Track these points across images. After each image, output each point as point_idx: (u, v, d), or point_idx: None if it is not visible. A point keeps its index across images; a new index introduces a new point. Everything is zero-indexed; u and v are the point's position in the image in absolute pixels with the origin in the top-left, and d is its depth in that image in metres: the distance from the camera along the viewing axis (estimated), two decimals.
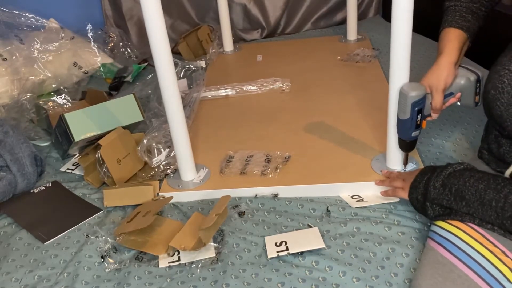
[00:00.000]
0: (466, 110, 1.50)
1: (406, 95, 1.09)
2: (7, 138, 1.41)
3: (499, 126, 1.00)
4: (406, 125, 1.14)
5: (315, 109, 1.63)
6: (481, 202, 0.92)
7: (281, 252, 1.07)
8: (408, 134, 1.15)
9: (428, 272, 0.92)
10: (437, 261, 0.93)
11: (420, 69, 1.79)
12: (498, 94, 0.95)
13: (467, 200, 0.94)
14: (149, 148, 1.35)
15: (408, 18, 1.05)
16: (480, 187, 0.93)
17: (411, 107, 1.10)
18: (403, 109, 1.12)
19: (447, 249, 0.94)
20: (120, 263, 1.11)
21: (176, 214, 1.24)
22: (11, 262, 1.15)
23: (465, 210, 0.95)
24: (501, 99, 0.94)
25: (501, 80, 0.94)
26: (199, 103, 1.73)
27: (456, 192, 0.96)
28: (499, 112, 0.96)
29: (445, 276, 0.90)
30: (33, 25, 2.00)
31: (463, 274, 0.89)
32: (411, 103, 1.10)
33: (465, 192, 0.94)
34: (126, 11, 2.26)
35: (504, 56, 0.98)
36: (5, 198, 1.34)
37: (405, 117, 1.12)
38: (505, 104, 0.94)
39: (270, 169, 1.31)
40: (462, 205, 0.95)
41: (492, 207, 0.90)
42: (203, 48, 2.17)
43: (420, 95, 1.10)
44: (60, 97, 1.76)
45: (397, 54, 1.09)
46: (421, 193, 1.02)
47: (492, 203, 0.90)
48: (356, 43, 2.13)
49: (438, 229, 0.99)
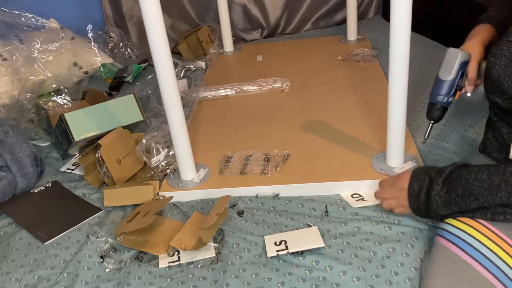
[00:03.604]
0: (466, 111, 1.50)
1: (456, 54, 1.12)
2: (7, 138, 1.41)
3: (499, 94, 1.03)
4: (446, 87, 1.15)
5: (315, 108, 1.63)
6: (490, 189, 0.92)
7: (280, 251, 1.07)
8: (446, 98, 1.16)
9: (442, 271, 0.92)
10: (451, 260, 0.93)
11: (420, 69, 1.79)
12: (497, 59, 1.01)
13: (475, 194, 0.94)
14: (148, 148, 1.35)
15: (407, 18, 1.05)
16: (483, 177, 0.93)
17: (459, 67, 1.12)
18: (448, 68, 1.13)
19: (461, 248, 0.93)
20: (120, 263, 1.11)
21: (176, 213, 1.24)
22: (11, 262, 1.15)
23: (475, 205, 0.94)
24: (499, 62, 1.01)
25: (500, 48, 1.02)
26: (199, 103, 1.73)
27: (463, 192, 0.95)
28: (497, 75, 1.01)
29: (461, 276, 0.90)
30: (33, 25, 2.00)
31: (479, 274, 0.89)
32: (460, 62, 1.12)
33: (471, 188, 0.94)
34: (126, 11, 2.26)
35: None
36: (5, 198, 1.34)
37: (449, 77, 1.13)
38: (502, 67, 1.00)
39: (270, 168, 1.31)
40: (471, 200, 0.94)
41: (501, 188, 0.91)
42: (203, 48, 2.17)
43: (468, 56, 1.13)
44: (60, 97, 1.76)
45: (397, 54, 1.09)
46: (423, 202, 1.02)
47: (501, 185, 0.91)
48: (356, 43, 2.13)
49: (449, 227, 0.98)
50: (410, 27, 1.06)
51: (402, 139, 1.22)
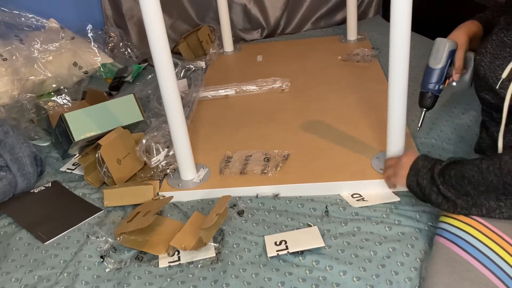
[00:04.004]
0: (466, 112, 1.50)
1: (445, 42, 1.17)
2: (7, 138, 1.41)
3: (488, 91, 1.07)
4: (437, 75, 1.19)
5: (315, 108, 1.63)
6: (480, 171, 0.95)
7: (280, 251, 1.07)
8: (437, 86, 1.19)
9: (443, 270, 0.92)
10: (452, 259, 0.93)
11: (420, 69, 1.78)
12: (482, 56, 1.07)
13: (468, 177, 0.96)
14: (148, 148, 1.35)
15: (407, 18, 1.05)
16: (476, 162, 0.97)
17: (448, 55, 1.16)
18: (438, 57, 1.17)
19: (462, 247, 0.94)
20: (120, 263, 1.11)
21: (176, 213, 1.24)
22: (11, 262, 1.15)
23: (470, 187, 0.96)
24: (484, 59, 1.07)
25: (485, 46, 1.08)
26: (199, 103, 1.73)
27: (455, 175, 0.98)
28: (483, 72, 1.06)
29: (462, 275, 0.90)
30: (33, 25, 2.00)
31: (480, 273, 0.90)
32: (449, 50, 1.16)
33: (463, 171, 0.97)
34: (126, 11, 2.26)
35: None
36: (5, 198, 1.34)
37: (439, 66, 1.18)
38: (488, 63, 1.05)
39: (270, 168, 1.31)
40: (465, 183, 0.96)
41: (490, 171, 0.93)
42: (203, 48, 2.17)
43: (455, 45, 1.18)
44: (60, 97, 1.76)
45: (397, 54, 1.09)
46: (423, 178, 1.04)
47: (489, 168, 0.94)
48: (356, 43, 2.13)
49: (447, 226, 0.99)
50: (410, 27, 1.06)
51: (402, 139, 1.22)
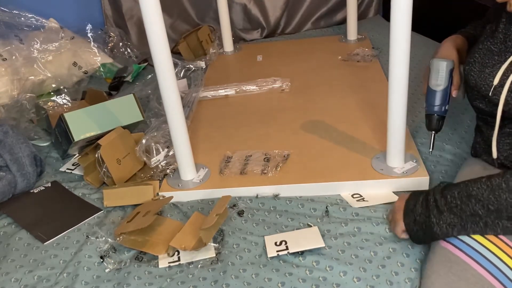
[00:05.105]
0: (466, 112, 1.50)
1: (444, 63, 1.14)
2: (7, 138, 1.41)
3: (481, 99, 1.07)
4: (441, 96, 1.16)
5: (315, 108, 1.63)
6: (491, 188, 0.90)
7: (281, 251, 1.07)
8: (443, 108, 1.17)
9: (441, 270, 0.92)
10: (449, 259, 0.93)
11: (420, 69, 1.79)
12: (471, 66, 1.08)
13: (475, 195, 0.91)
14: (148, 148, 1.35)
15: (407, 18, 1.05)
16: (482, 180, 0.92)
17: (449, 75, 1.14)
18: (440, 79, 1.15)
19: (460, 248, 0.93)
20: (120, 263, 1.11)
21: (176, 214, 1.24)
22: (11, 262, 1.15)
23: (478, 206, 0.91)
24: (473, 69, 1.07)
25: (473, 56, 1.09)
26: (199, 103, 1.73)
27: (460, 194, 0.93)
28: (474, 81, 1.07)
29: (459, 275, 0.90)
30: (33, 25, 2.00)
31: (477, 274, 0.90)
32: (449, 70, 1.14)
33: (469, 190, 0.92)
34: (126, 11, 2.26)
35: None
36: (5, 198, 1.34)
37: (442, 87, 1.15)
38: (477, 72, 1.06)
39: (270, 168, 1.31)
40: (473, 203, 0.91)
41: (502, 188, 0.89)
42: (203, 48, 2.17)
43: (453, 64, 1.15)
44: (60, 97, 1.76)
45: (397, 53, 1.09)
46: (420, 213, 0.98)
47: (501, 185, 0.89)
48: (356, 43, 2.13)
49: None
50: (410, 27, 1.06)
51: (402, 139, 1.22)
